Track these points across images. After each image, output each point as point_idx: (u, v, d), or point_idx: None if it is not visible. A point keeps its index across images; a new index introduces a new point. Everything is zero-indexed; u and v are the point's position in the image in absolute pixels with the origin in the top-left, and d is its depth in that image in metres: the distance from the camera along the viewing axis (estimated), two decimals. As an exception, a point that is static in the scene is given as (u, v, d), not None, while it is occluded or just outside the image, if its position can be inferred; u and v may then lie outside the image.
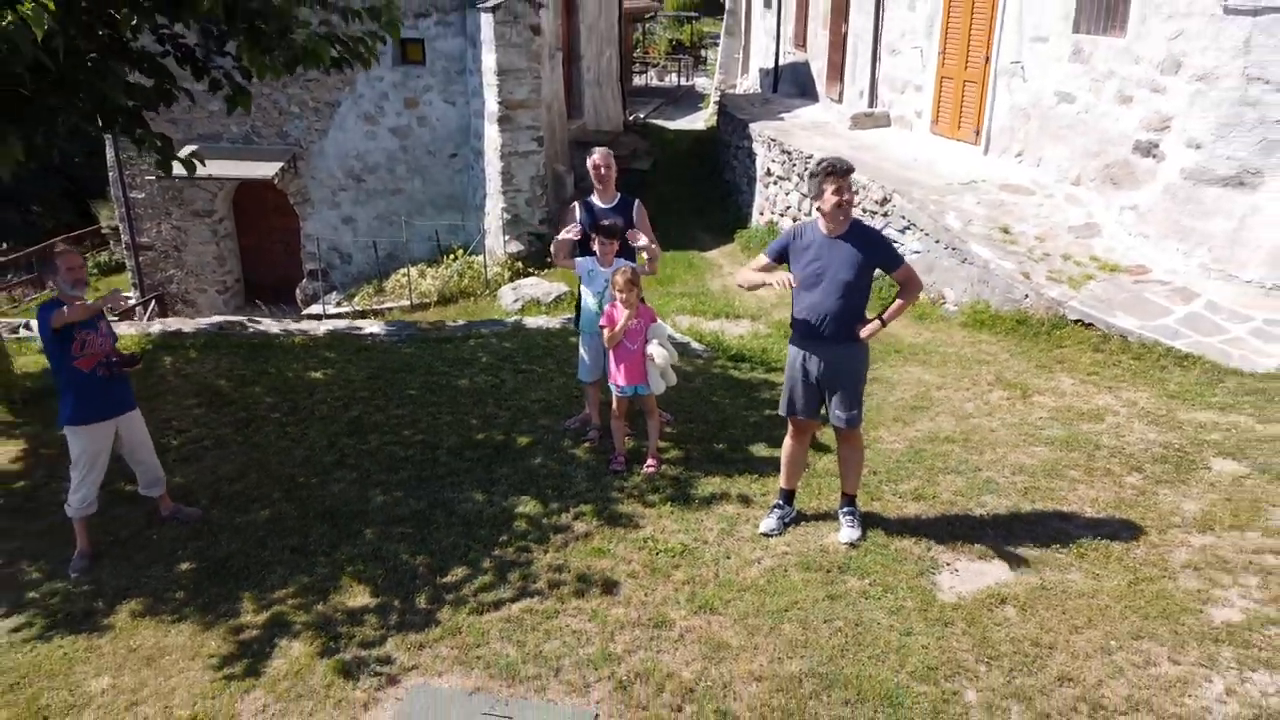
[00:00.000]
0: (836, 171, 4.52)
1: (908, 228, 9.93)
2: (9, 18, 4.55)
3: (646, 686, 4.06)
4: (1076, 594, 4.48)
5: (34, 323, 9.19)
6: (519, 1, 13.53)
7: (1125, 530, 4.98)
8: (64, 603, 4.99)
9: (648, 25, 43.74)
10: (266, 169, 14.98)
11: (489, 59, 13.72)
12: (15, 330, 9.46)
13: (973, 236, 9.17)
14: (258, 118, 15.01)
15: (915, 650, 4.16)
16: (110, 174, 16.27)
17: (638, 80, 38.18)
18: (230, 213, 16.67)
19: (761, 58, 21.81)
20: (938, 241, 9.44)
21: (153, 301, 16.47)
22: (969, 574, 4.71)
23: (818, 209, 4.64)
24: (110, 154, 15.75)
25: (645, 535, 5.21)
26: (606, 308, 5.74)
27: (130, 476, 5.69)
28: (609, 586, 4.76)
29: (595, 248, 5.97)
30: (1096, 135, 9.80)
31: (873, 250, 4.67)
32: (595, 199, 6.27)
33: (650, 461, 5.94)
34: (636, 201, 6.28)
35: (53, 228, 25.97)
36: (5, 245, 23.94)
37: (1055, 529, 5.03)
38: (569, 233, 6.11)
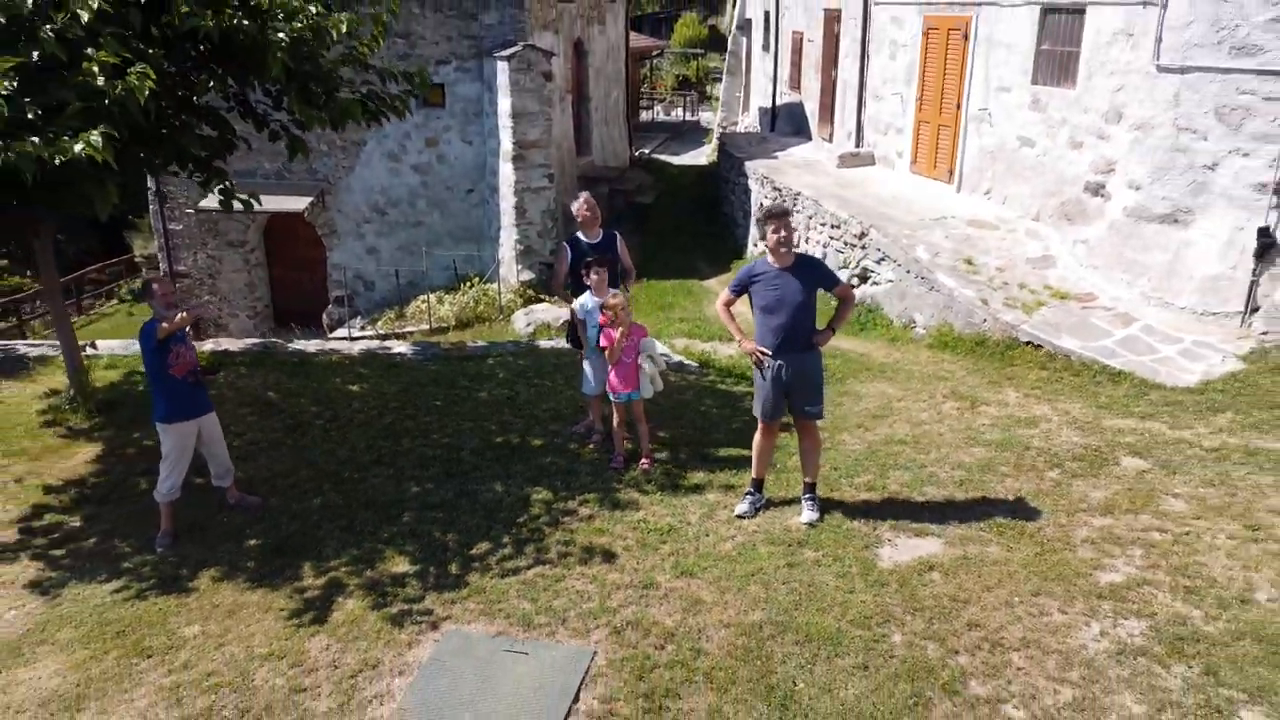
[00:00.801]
0: (775, 215, 5.54)
1: (883, 259, 10.93)
2: (119, 86, 5.61)
3: (636, 632, 5.01)
4: (991, 562, 5.42)
5: (99, 343, 10.27)
6: (533, 51, 14.68)
7: (1039, 514, 5.92)
8: (154, 571, 5.98)
9: (655, 61, 45.08)
10: (297, 203, 16.09)
11: (504, 103, 14.85)
12: (82, 348, 10.48)
13: (940, 267, 10.17)
14: (269, 147, 16.11)
15: (855, 604, 5.11)
16: (150, 207, 17.42)
17: (645, 115, 39.46)
18: (261, 243, 17.78)
19: (761, 97, 22.96)
20: (909, 272, 10.44)
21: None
22: (905, 548, 5.65)
23: (766, 247, 5.64)
24: (151, 190, 16.87)
25: (638, 518, 6.18)
26: (604, 332, 6.74)
27: (200, 471, 6.69)
28: (607, 557, 5.73)
29: (588, 280, 6.95)
30: (1053, 176, 10.82)
31: (815, 276, 5.67)
32: (581, 235, 7.31)
33: (644, 460, 6.91)
34: (617, 234, 7.34)
35: (77, 255, 27.14)
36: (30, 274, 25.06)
37: (981, 513, 5.97)
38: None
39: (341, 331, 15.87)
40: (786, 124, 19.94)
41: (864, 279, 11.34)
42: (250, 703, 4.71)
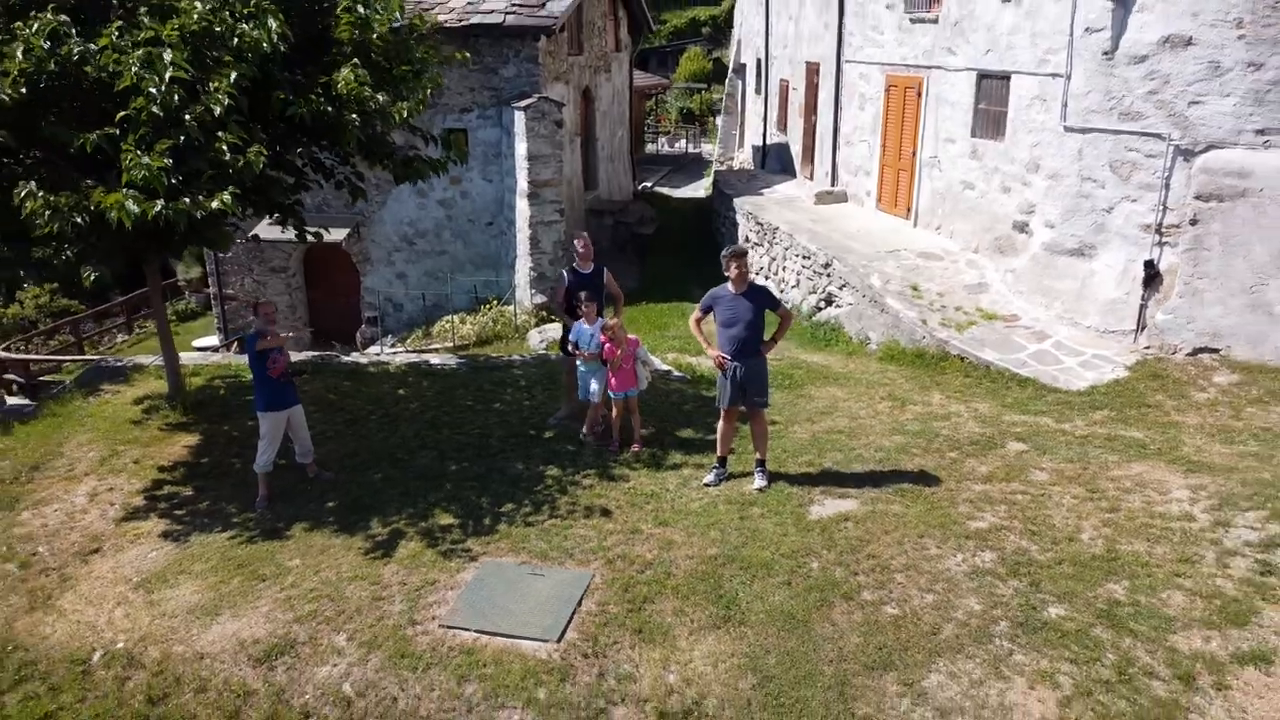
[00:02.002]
0: (737, 254, 7.33)
1: (844, 285, 12.72)
2: (241, 160, 7.45)
3: (624, 562, 6.76)
4: (891, 516, 7.15)
5: (181, 355, 12.06)
6: (546, 102, 16.56)
7: (935, 481, 7.65)
8: (258, 524, 7.76)
9: (660, 95, 47.09)
10: (336, 234, 17.94)
11: (520, 147, 16.72)
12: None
13: (890, 293, 11.94)
14: (329, 191, 18.01)
15: (786, 544, 6.84)
16: (203, 237, 19.30)
17: (650, 147, 41.43)
18: (301, 269, 19.64)
19: (754, 135, 24.83)
20: (865, 296, 12.21)
21: (234, 344, 19.39)
22: (830, 506, 7.39)
23: (728, 276, 7.42)
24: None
25: (629, 486, 7.94)
26: (606, 347, 8.49)
27: (282, 454, 8.46)
28: (604, 513, 7.48)
29: (580, 310, 8.69)
30: (989, 215, 12.60)
31: (763, 300, 7.45)
32: (577, 266, 9.10)
33: (635, 445, 8.66)
34: (604, 268, 9.12)
35: (112, 281, 28.98)
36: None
37: (891, 481, 7.70)
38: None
39: (374, 349, 17.68)
40: (775, 162, 21.80)
41: (829, 302, 13.11)
42: (343, 607, 6.48)
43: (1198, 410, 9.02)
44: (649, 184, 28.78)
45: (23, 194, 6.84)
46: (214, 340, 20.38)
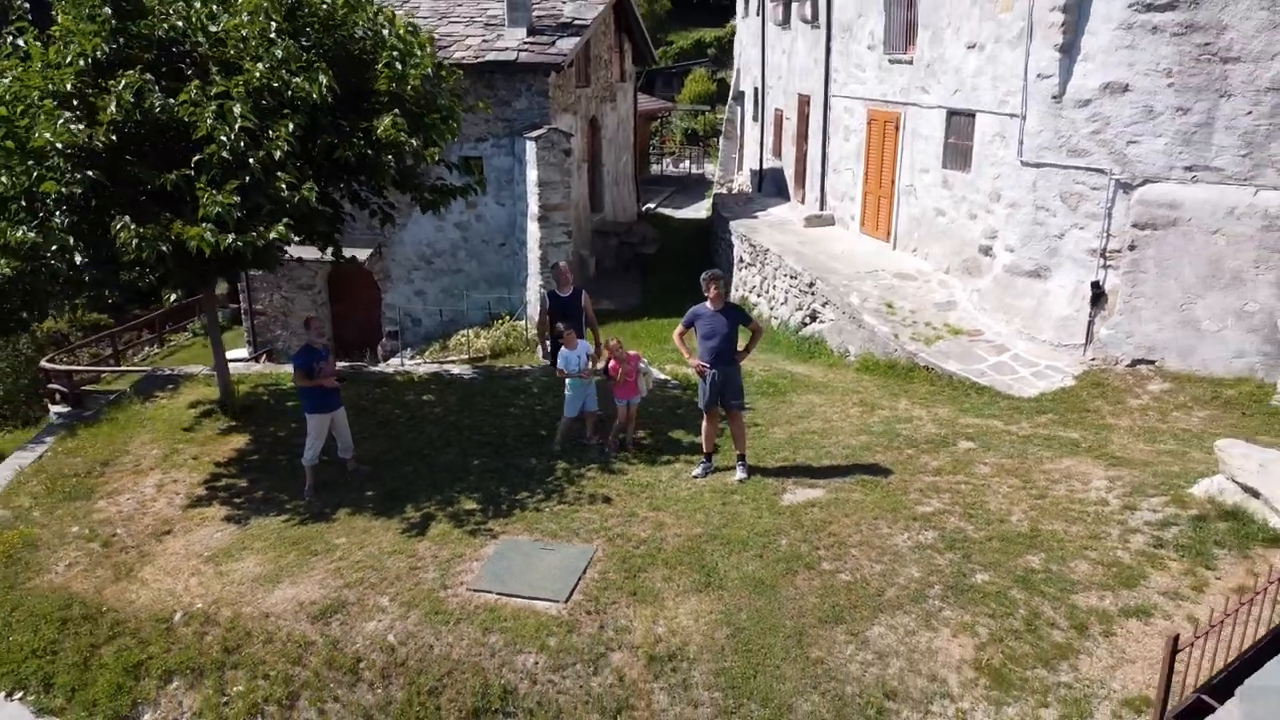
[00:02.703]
0: (713, 278, 8.51)
1: (826, 303, 13.90)
2: (297, 196, 8.69)
3: (622, 539, 7.92)
4: (852, 502, 8.30)
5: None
6: (555, 132, 17.80)
7: (891, 473, 8.79)
8: (307, 509, 8.96)
9: (665, 117, 48.43)
10: (359, 254, 19.20)
11: (532, 174, 17.96)
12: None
13: (867, 310, 13.11)
14: (355, 214, 19.32)
15: (760, 524, 7.99)
16: (235, 256, 20.59)
17: (655, 168, 42.74)
18: (326, 286, 20.90)
19: (752, 160, 26.07)
20: (844, 313, 13.39)
21: (263, 356, 20.64)
22: (800, 494, 8.54)
23: (707, 296, 8.59)
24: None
25: (627, 478, 9.11)
26: (611, 364, 9.64)
27: (328, 450, 9.65)
28: (605, 500, 8.65)
29: (561, 334, 9.83)
30: (958, 239, 13.78)
31: (737, 316, 8.64)
32: (558, 290, 10.29)
33: (632, 445, 9.84)
34: (583, 291, 10.30)
35: (138, 297, 30.25)
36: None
37: (854, 474, 8.85)
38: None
39: (394, 361, 18.90)
40: (771, 185, 23.02)
41: (813, 318, 14.29)
42: (385, 575, 7.66)
43: (1130, 414, 10.17)
44: (652, 205, 30.04)
45: (118, 226, 8.08)
46: (244, 353, 21.59)
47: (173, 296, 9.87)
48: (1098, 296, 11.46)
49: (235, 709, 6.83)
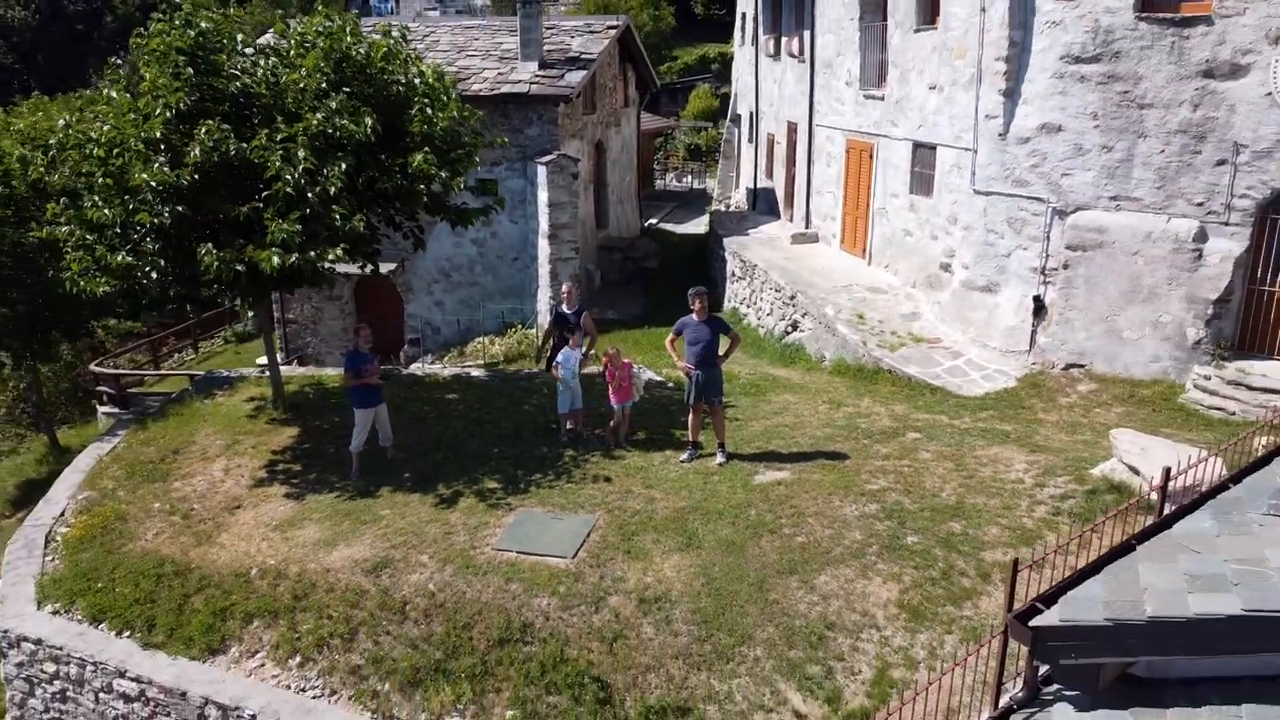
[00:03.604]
0: (697, 294, 10.09)
1: (806, 314, 15.46)
2: (349, 225, 10.31)
3: (619, 510, 9.49)
4: (812, 481, 9.85)
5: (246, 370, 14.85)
6: (564, 158, 19.42)
7: (847, 459, 10.34)
8: (355, 488, 10.56)
9: (669, 134, 50.07)
10: (385, 267, 20.83)
11: (542, 195, 19.58)
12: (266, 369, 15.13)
13: (840, 320, 14.67)
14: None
15: (734, 499, 9.54)
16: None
17: (659, 182, 44.37)
18: (353, 297, 22.53)
19: (747, 179, 27.64)
20: (820, 323, 14.95)
21: (294, 360, 22.26)
22: (769, 475, 10.09)
23: (693, 309, 10.17)
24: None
25: (625, 463, 10.68)
26: (608, 371, 11.21)
27: (369, 439, 11.23)
28: (606, 480, 10.22)
29: (569, 342, 11.41)
30: (923, 257, 15.34)
31: (718, 327, 10.23)
32: (563, 308, 11.85)
33: (626, 442, 11.40)
34: (584, 311, 11.84)
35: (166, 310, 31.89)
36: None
37: (816, 459, 10.40)
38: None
39: (416, 366, 20.51)
40: (764, 204, 24.59)
41: (795, 328, 15.86)
42: (424, 539, 9.25)
43: (1059, 410, 11.71)
44: (655, 220, 31.64)
45: (202, 251, 9.71)
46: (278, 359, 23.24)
47: (250, 312, 11.33)
48: (1039, 309, 13.00)
49: (306, 641, 8.42)
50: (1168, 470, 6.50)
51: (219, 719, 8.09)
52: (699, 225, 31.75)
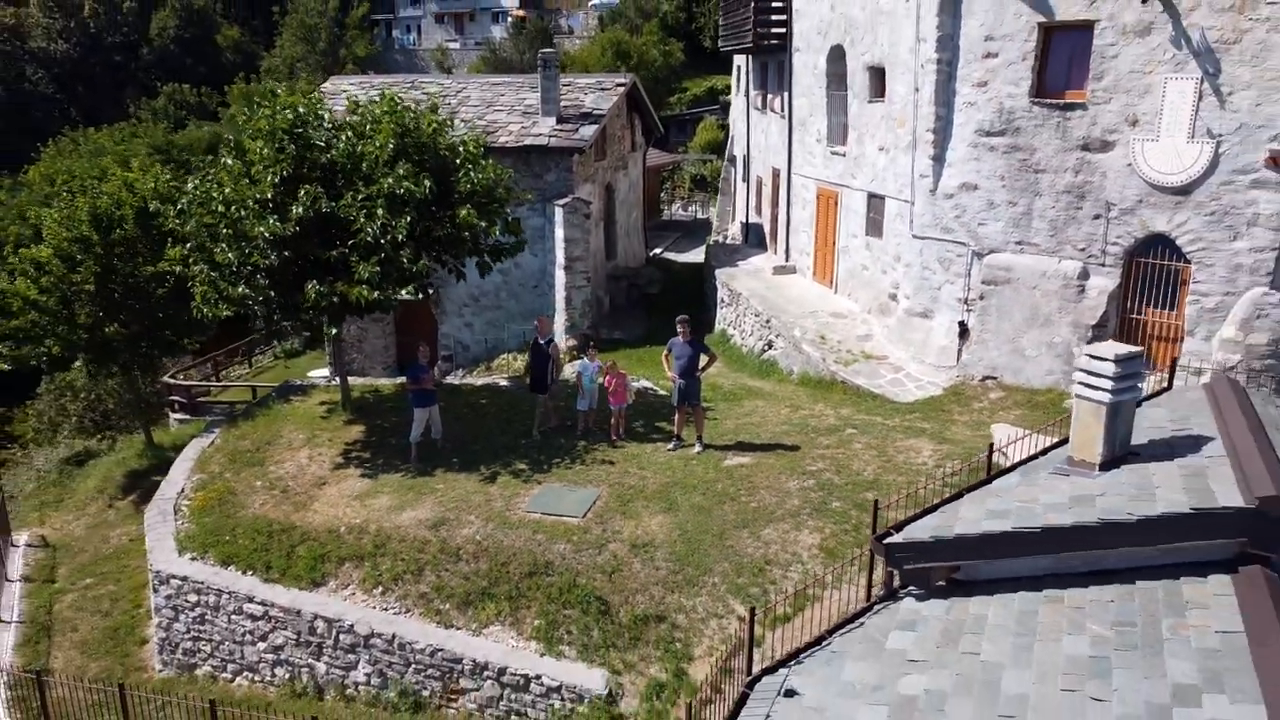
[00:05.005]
0: (682, 320, 12.96)
1: (778, 335, 18.29)
2: (416, 267, 13.23)
3: (619, 485, 12.32)
4: (767, 464, 12.64)
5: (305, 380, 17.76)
6: (579, 200, 22.37)
7: (797, 449, 13.13)
8: (416, 470, 13.43)
9: (675, 168, 53.02)
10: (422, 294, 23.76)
11: (559, 233, 22.51)
12: (334, 378, 18.06)
13: (805, 341, 17.49)
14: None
15: (707, 477, 12.35)
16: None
17: (665, 212, 47.29)
18: (393, 318, 25.48)
19: (741, 213, 30.53)
20: (789, 343, 17.77)
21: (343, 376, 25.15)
22: (735, 460, 12.89)
23: (679, 331, 13.02)
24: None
25: (623, 451, 13.51)
26: (604, 379, 14.05)
27: (424, 433, 14.10)
28: (609, 463, 13.06)
29: (585, 354, 14.29)
30: (876, 288, 18.17)
31: (698, 347, 13.08)
32: (538, 337, 14.67)
33: (623, 434, 14.23)
34: (553, 340, 14.66)
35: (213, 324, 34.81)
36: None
37: (774, 448, 13.19)
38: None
39: (450, 379, 23.41)
40: (754, 237, 27.45)
41: (770, 346, 18.69)
42: (471, 504, 12.11)
43: (971, 413, 14.48)
44: (659, 250, 34.56)
45: (309, 287, 12.66)
46: (325, 372, 26.18)
47: (334, 331, 14.23)
48: (963, 332, 15.79)
49: (385, 577, 11.27)
50: (991, 445, 9.38)
51: (325, 630, 10.94)
52: (699, 255, 34.51)
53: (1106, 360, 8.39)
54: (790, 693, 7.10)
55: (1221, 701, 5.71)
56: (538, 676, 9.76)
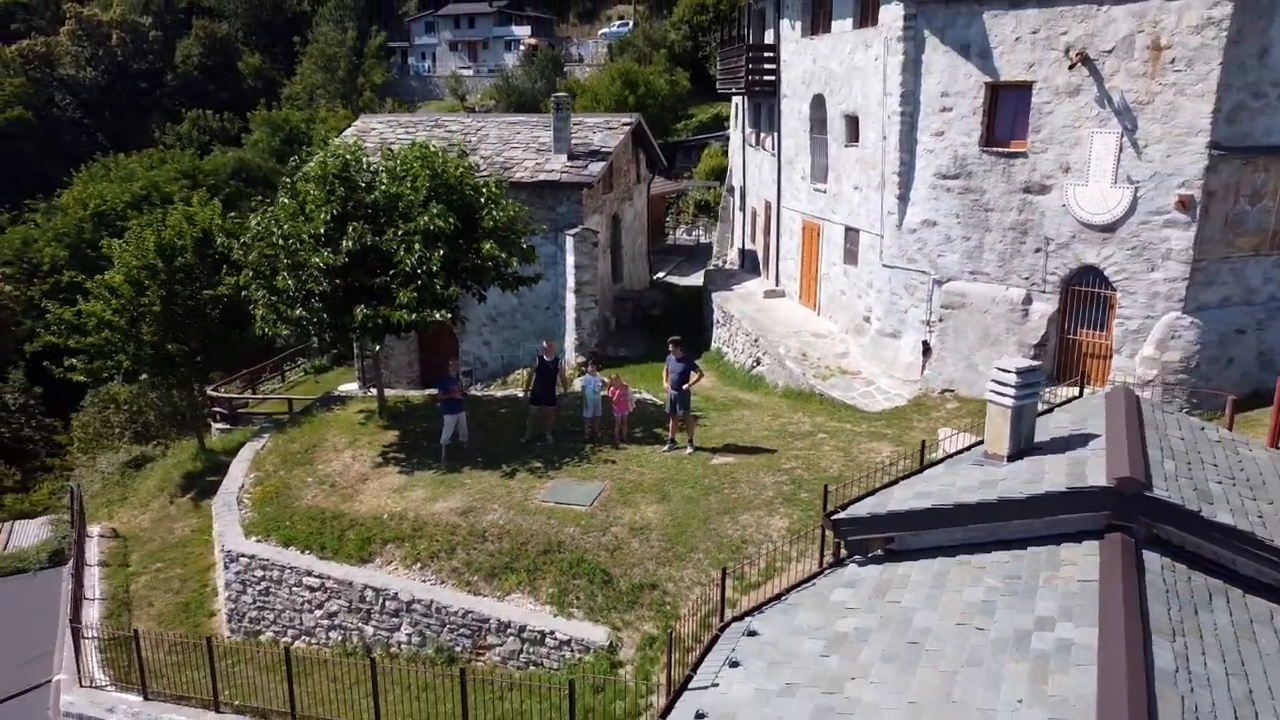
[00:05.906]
0: (674, 342, 14.97)
1: (765, 353, 20.28)
2: (447, 293, 15.29)
3: (620, 479, 14.29)
4: (749, 463, 14.60)
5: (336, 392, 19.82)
6: (588, 230, 24.46)
7: (775, 451, 15.07)
8: (447, 468, 15.44)
9: (679, 195, 55.14)
10: (446, 315, 25.83)
11: (569, 259, 24.59)
12: (368, 389, 20.11)
13: (789, 358, 19.46)
14: None
15: (696, 474, 14.32)
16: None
17: (670, 237, 49.37)
18: (416, 336, 27.54)
19: (739, 240, 32.59)
20: (775, 359, 19.75)
21: (371, 389, 27.20)
22: (721, 460, 14.85)
23: (671, 351, 15.02)
24: (355, 304, 26.79)
25: (625, 452, 15.48)
26: (605, 391, 16.04)
27: (453, 437, 16.10)
28: (612, 462, 15.04)
29: (588, 369, 16.32)
30: (853, 311, 20.17)
31: (689, 364, 15.07)
32: (544, 355, 16.74)
33: (624, 438, 16.21)
34: (560, 358, 16.69)
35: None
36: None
37: (756, 450, 15.13)
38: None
39: (472, 391, 25.42)
40: (750, 263, 29.50)
41: (758, 363, 20.67)
42: (495, 495, 14.11)
43: (929, 420, 16.41)
44: (662, 273, 36.63)
45: (357, 310, 14.73)
46: (354, 386, 28.24)
47: (377, 347, 16.25)
48: (925, 350, 17.75)
49: (423, 554, 13.25)
50: (924, 443, 11.36)
51: (373, 598, 12.93)
52: (700, 278, 36.65)
53: (1011, 372, 10.29)
54: (752, 633, 9.04)
55: (1069, 627, 7.62)
56: (552, 633, 11.71)
